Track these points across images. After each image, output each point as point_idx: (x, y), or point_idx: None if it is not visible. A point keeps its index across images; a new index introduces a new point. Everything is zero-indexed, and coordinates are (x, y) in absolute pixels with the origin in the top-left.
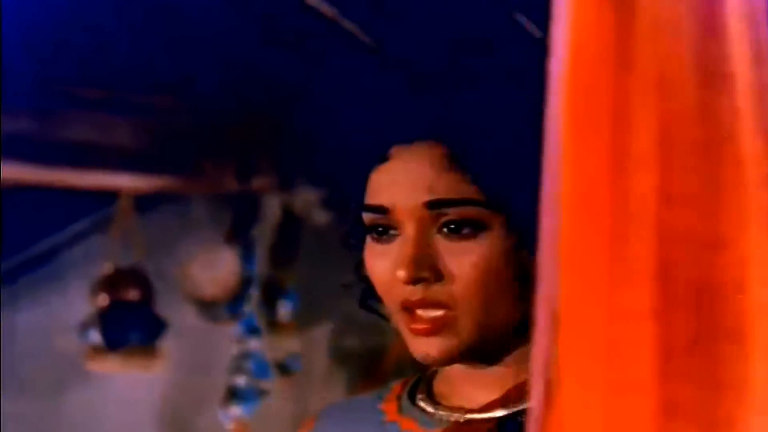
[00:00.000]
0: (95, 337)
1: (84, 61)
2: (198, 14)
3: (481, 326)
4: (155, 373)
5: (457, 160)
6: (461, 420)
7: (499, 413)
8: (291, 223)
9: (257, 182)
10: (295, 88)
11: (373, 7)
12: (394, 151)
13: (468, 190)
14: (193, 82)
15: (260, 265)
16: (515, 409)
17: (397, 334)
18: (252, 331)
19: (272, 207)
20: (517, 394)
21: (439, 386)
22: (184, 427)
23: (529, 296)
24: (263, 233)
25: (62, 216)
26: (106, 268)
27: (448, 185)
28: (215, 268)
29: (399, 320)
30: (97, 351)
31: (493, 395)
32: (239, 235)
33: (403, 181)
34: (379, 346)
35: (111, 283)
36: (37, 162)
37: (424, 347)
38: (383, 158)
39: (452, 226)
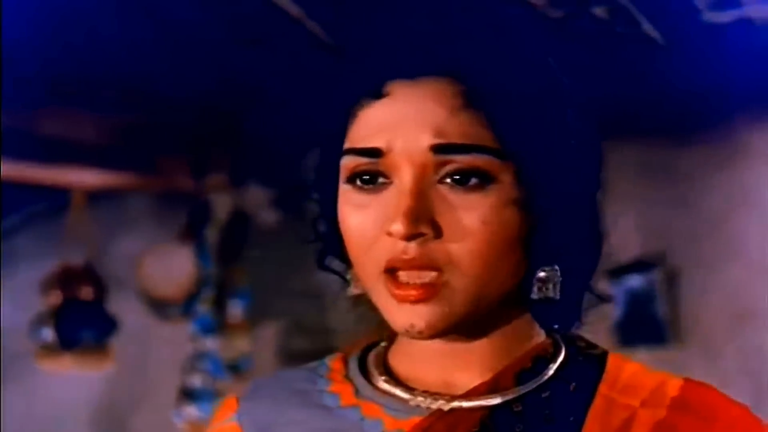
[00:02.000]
0: (48, 335)
1: (47, 56)
2: (159, 12)
3: (478, 293)
4: (102, 372)
5: (472, 99)
6: (445, 408)
7: (493, 401)
8: (241, 222)
9: (211, 180)
10: (251, 87)
11: (337, 8)
12: (392, 86)
13: (481, 136)
14: (151, 80)
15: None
16: (510, 397)
17: (355, 326)
18: (207, 330)
19: (223, 205)
20: (510, 377)
21: (399, 364)
22: (129, 426)
23: (530, 261)
24: (213, 232)
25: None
26: (58, 265)
27: (459, 128)
28: (170, 266)
29: (377, 285)
30: (49, 349)
31: (477, 377)
32: (193, 234)
33: (404, 121)
34: (329, 348)
35: (64, 281)
36: None
37: (409, 317)
38: (376, 94)
39: (458, 177)
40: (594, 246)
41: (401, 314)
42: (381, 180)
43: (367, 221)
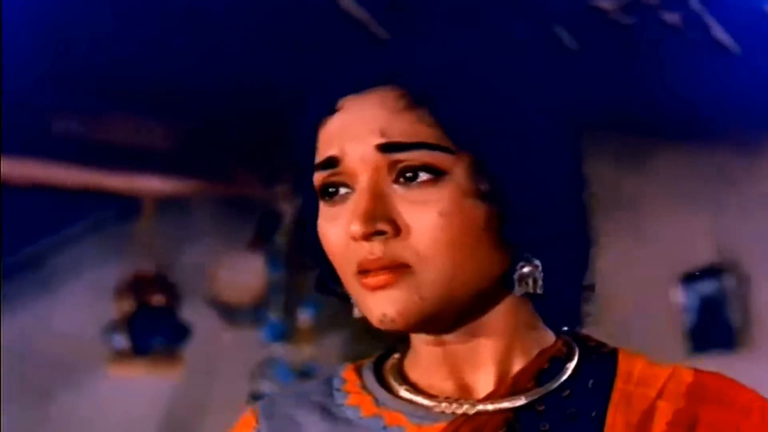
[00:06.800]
0: (121, 341)
1: (112, 60)
2: (227, 18)
3: (449, 285)
4: (172, 378)
5: (415, 99)
6: (471, 412)
7: (518, 402)
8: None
9: (280, 187)
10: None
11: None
12: (344, 101)
13: (426, 133)
14: (221, 87)
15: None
16: (534, 397)
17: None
18: (277, 336)
19: (290, 212)
20: (529, 378)
21: (414, 374)
22: None
23: (511, 256)
24: (284, 239)
25: (71, 218)
26: (130, 272)
27: (402, 127)
28: (241, 273)
29: (353, 286)
30: (121, 356)
31: (491, 377)
32: (264, 240)
33: (353, 128)
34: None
35: (136, 288)
36: (61, 161)
37: (382, 306)
38: (331, 111)
39: (409, 174)
40: (580, 244)
41: (374, 305)
42: (343, 190)
43: (337, 231)
